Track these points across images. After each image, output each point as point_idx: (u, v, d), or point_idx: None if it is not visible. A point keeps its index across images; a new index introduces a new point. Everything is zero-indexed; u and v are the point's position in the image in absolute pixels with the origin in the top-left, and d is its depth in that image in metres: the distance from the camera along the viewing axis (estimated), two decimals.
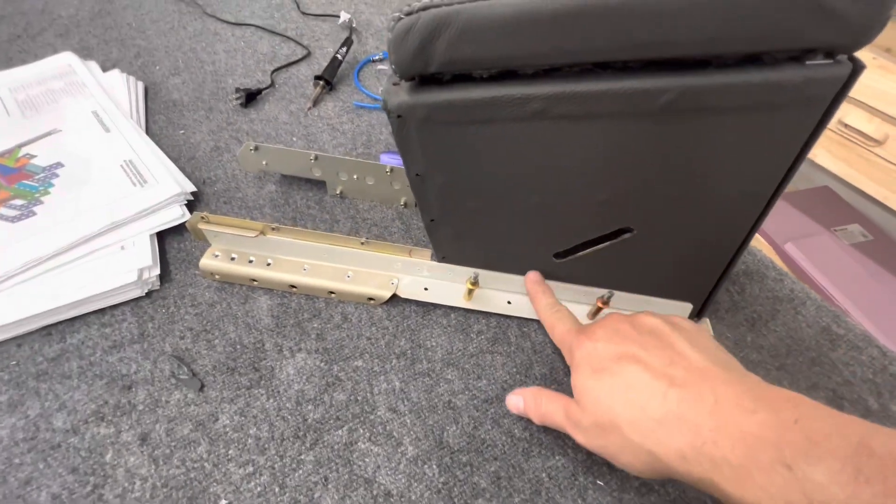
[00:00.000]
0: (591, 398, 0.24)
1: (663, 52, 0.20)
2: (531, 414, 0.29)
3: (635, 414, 0.22)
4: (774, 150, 0.23)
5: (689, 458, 0.20)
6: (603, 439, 0.24)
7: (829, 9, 0.17)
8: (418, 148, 0.26)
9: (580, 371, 0.26)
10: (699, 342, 0.24)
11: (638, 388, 0.23)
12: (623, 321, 0.27)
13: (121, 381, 0.32)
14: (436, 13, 0.20)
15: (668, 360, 0.23)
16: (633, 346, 0.24)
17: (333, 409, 0.31)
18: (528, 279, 0.34)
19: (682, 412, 0.21)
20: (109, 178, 0.42)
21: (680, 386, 0.22)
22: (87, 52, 0.58)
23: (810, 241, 1.03)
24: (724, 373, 0.22)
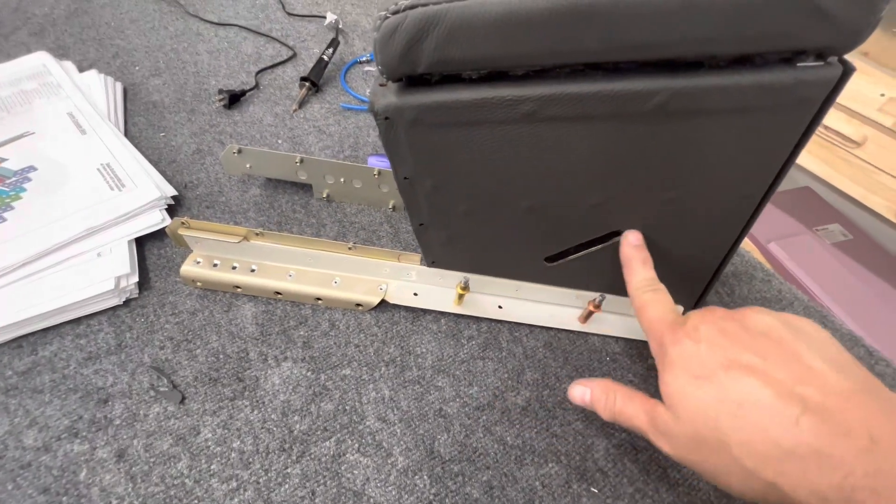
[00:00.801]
0: (691, 407, 0.21)
1: (655, 53, 0.20)
2: (600, 409, 0.26)
3: (753, 436, 0.19)
4: (765, 152, 0.23)
5: (832, 500, 0.17)
6: (700, 455, 0.21)
7: (821, 11, 0.17)
8: (406, 151, 0.26)
9: (676, 374, 0.22)
10: (830, 353, 0.20)
11: (757, 406, 0.19)
12: (729, 318, 0.23)
13: (96, 394, 0.30)
14: (423, 12, 0.20)
15: (797, 376, 0.19)
16: (748, 354, 0.20)
17: (321, 420, 0.30)
18: (627, 241, 0.29)
19: (822, 447, 0.18)
20: (85, 182, 0.40)
21: (816, 413, 0.18)
22: (62, 51, 0.56)
23: (793, 240, 1.05)
24: (873, 400, 0.18)
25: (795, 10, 0.18)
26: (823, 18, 0.18)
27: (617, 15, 0.18)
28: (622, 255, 0.29)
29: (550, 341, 0.35)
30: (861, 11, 0.18)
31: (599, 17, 0.19)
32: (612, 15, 0.18)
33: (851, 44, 0.19)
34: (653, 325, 0.25)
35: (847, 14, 0.18)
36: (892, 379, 0.35)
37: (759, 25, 0.18)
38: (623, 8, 0.18)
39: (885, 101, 0.79)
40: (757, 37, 0.19)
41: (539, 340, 0.35)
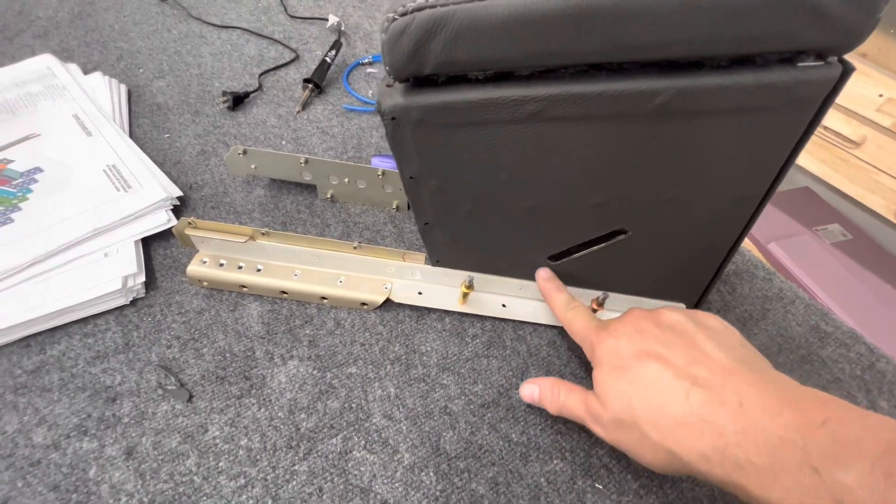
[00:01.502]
0: (612, 395, 0.24)
1: (657, 53, 0.20)
2: (547, 404, 0.29)
3: (655, 413, 0.22)
4: (766, 152, 0.24)
5: (712, 459, 0.20)
6: (622, 435, 0.24)
7: (821, 11, 0.18)
8: (413, 150, 0.26)
9: (602, 367, 0.25)
10: (724, 340, 0.23)
11: (659, 386, 0.22)
12: (645, 317, 0.26)
13: (104, 393, 0.30)
14: (431, 14, 0.20)
15: (691, 358, 0.23)
16: (655, 344, 0.24)
17: (327, 418, 0.30)
18: (540, 277, 0.33)
19: (704, 413, 0.21)
20: (91, 183, 0.40)
21: (703, 386, 0.21)
22: (67, 54, 0.56)
23: (793, 240, 1.06)
24: (750, 373, 0.21)
25: (795, 11, 0.18)
26: (823, 19, 0.18)
27: (620, 16, 0.19)
28: (540, 288, 0.33)
29: (554, 339, 0.36)
30: (860, 12, 0.18)
31: (603, 18, 0.19)
32: (615, 16, 0.19)
33: (851, 44, 0.19)
34: (582, 333, 0.29)
35: (846, 15, 0.18)
36: (893, 375, 0.35)
37: (760, 26, 0.19)
38: (625, 9, 0.19)
39: (884, 102, 0.80)
40: (757, 37, 0.19)
41: (543, 339, 0.36)
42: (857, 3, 0.18)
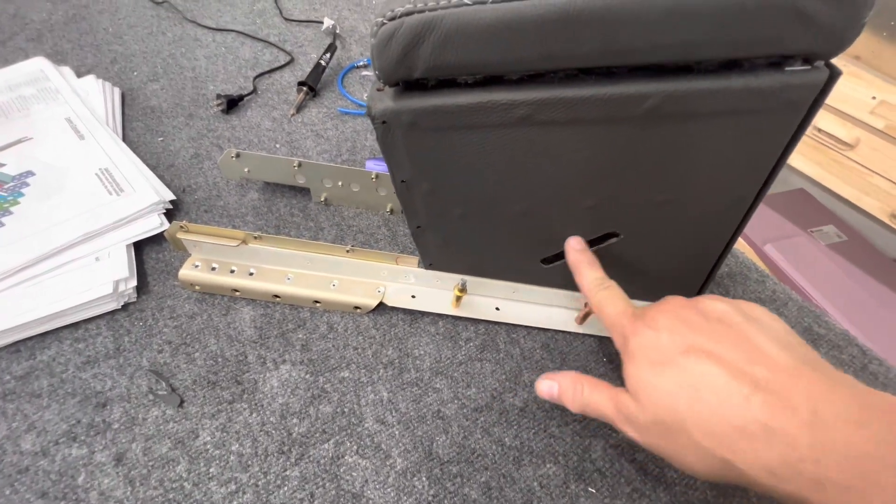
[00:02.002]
0: (651, 394, 0.21)
1: (645, 57, 0.20)
2: (567, 401, 0.26)
3: (708, 417, 0.20)
4: (757, 154, 0.24)
5: (781, 474, 0.18)
6: (662, 439, 0.22)
7: (808, 16, 0.18)
8: (403, 154, 0.26)
9: (637, 362, 0.23)
10: (778, 335, 0.21)
11: (712, 387, 0.20)
12: (686, 306, 0.23)
13: (95, 398, 0.30)
14: (419, 18, 0.20)
15: (747, 356, 0.20)
16: (702, 338, 0.21)
17: (319, 423, 0.30)
18: (570, 247, 0.30)
19: (769, 422, 0.18)
20: (84, 186, 0.40)
21: (765, 390, 0.19)
22: (60, 57, 0.56)
23: (788, 242, 1.06)
24: (816, 374, 0.19)
25: (781, 16, 0.18)
26: (809, 24, 0.18)
27: (607, 21, 0.19)
28: (569, 261, 0.30)
29: (548, 342, 0.36)
30: (846, 18, 0.18)
31: (591, 23, 0.19)
32: (603, 21, 0.19)
33: (837, 49, 0.19)
34: (613, 319, 0.26)
35: (832, 20, 0.18)
36: (885, 378, 0.36)
37: (746, 31, 0.19)
38: (613, 14, 0.19)
39: (877, 104, 0.80)
40: (744, 42, 0.19)
41: (536, 342, 0.36)
42: (843, 9, 0.18)
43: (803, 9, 0.18)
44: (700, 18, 0.18)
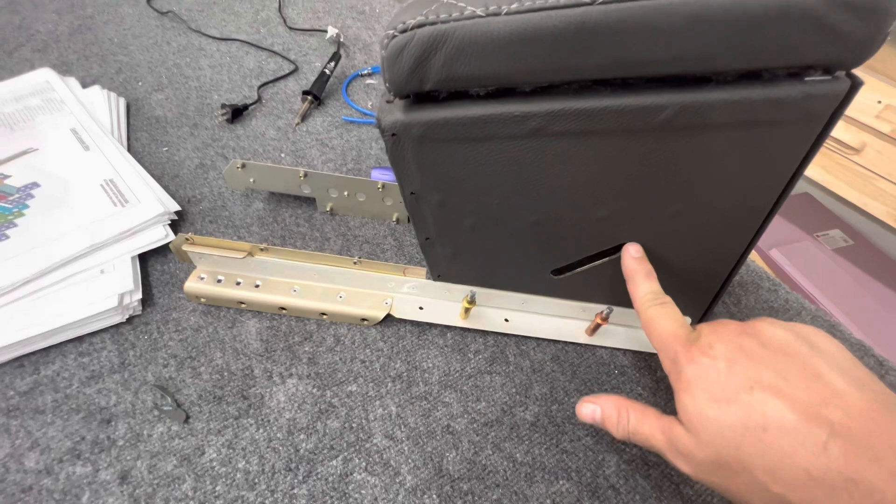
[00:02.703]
0: (712, 430, 0.20)
1: (662, 69, 0.20)
2: (611, 427, 0.25)
3: (778, 462, 0.19)
4: (773, 165, 0.23)
5: None
6: (721, 478, 0.20)
7: (830, 27, 0.17)
8: (413, 166, 0.25)
9: (694, 394, 0.21)
10: (847, 367, 0.20)
11: (782, 429, 0.19)
12: (744, 332, 0.22)
13: (99, 414, 0.30)
14: (431, 31, 0.20)
15: (820, 396, 0.19)
16: (768, 372, 0.20)
17: (327, 438, 0.30)
18: (628, 254, 0.28)
19: (850, 472, 0.17)
20: (89, 198, 0.40)
21: (842, 435, 0.18)
22: (66, 67, 0.56)
23: (794, 247, 1.05)
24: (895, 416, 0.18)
25: (803, 27, 0.18)
26: (831, 35, 0.18)
27: (623, 32, 0.18)
28: (624, 269, 0.29)
29: (558, 354, 0.35)
30: (870, 28, 0.18)
31: (606, 34, 0.19)
32: (619, 32, 0.18)
33: (860, 59, 0.19)
34: (664, 340, 0.24)
35: (855, 30, 0.18)
36: None
37: (766, 42, 0.18)
38: (630, 25, 0.18)
39: (883, 109, 0.80)
40: (764, 53, 0.19)
41: (546, 354, 0.35)
42: (867, 18, 0.17)
43: (826, 20, 0.17)
44: (720, 29, 0.18)
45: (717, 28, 0.18)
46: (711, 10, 0.18)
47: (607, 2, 0.18)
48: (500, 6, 0.19)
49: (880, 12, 0.17)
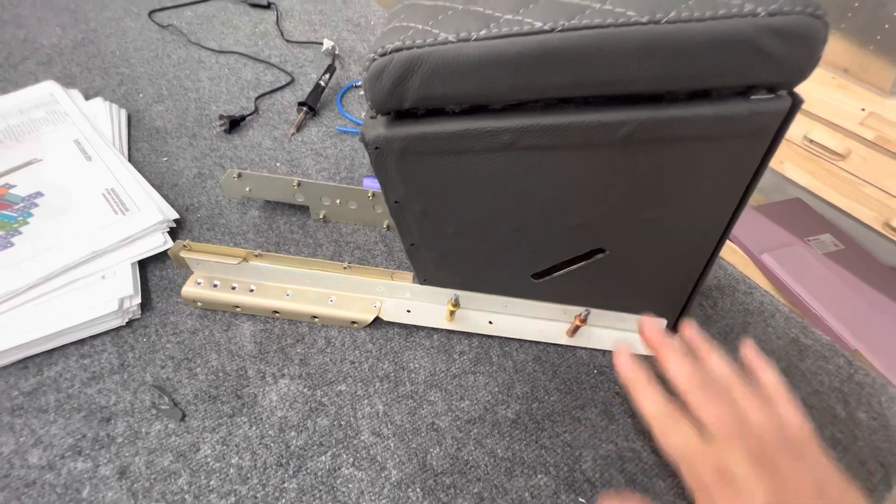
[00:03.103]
0: None
1: (619, 89, 0.22)
2: None
3: None
4: (730, 176, 0.25)
5: None
6: None
7: (766, 52, 0.19)
8: (396, 177, 0.27)
9: None
10: None
11: None
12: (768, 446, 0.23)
13: (99, 413, 0.31)
14: (408, 55, 0.21)
15: None
16: None
17: (317, 435, 0.31)
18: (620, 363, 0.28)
19: None
20: (91, 206, 0.42)
21: None
22: (69, 80, 0.58)
23: (785, 251, 1.07)
24: None
25: (742, 52, 0.19)
26: (768, 59, 0.20)
27: (581, 56, 0.20)
28: (621, 377, 0.28)
29: (539, 355, 0.36)
30: (801, 53, 0.19)
31: (566, 59, 0.20)
32: (577, 56, 0.20)
33: (797, 80, 0.21)
34: (682, 454, 0.24)
35: (788, 55, 0.19)
36: (871, 387, 0.36)
37: (709, 65, 0.20)
38: (586, 50, 0.20)
39: (866, 116, 0.82)
40: (709, 75, 0.20)
41: (529, 354, 0.37)
42: (797, 44, 0.19)
43: (760, 45, 0.19)
44: (666, 54, 0.20)
45: (664, 53, 0.20)
46: (658, 38, 0.19)
47: (565, 30, 0.20)
48: (470, 33, 0.21)
49: (810, 39, 0.19)
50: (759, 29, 0.19)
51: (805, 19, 0.18)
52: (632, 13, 0.19)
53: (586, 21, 0.20)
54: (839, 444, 0.33)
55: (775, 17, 0.18)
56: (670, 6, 0.19)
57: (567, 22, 0.20)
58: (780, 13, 0.18)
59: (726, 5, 0.19)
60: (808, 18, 0.18)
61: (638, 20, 0.19)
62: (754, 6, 0.19)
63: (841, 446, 0.33)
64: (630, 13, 0.20)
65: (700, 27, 0.19)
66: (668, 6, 0.19)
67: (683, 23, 0.19)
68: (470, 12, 0.22)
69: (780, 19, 0.18)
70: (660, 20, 0.19)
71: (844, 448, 0.33)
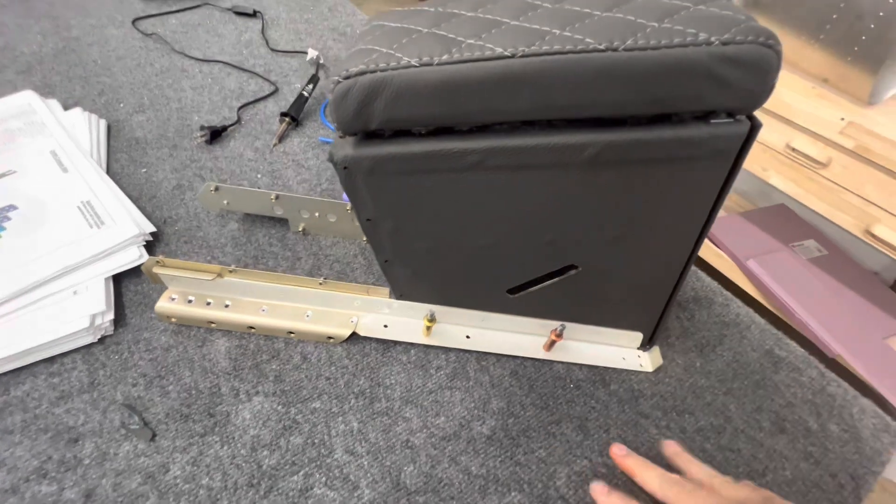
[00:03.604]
0: None
1: (580, 113, 0.22)
2: None
3: None
4: (695, 196, 0.25)
5: None
6: None
7: (720, 79, 0.20)
8: (366, 196, 0.27)
9: None
10: None
11: None
12: None
13: (67, 434, 0.31)
14: (372, 78, 0.21)
15: None
16: None
17: (289, 454, 0.31)
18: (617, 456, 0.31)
19: None
20: (65, 220, 0.41)
21: None
22: (49, 89, 0.57)
23: (771, 257, 1.08)
24: None
25: (697, 79, 0.20)
26: (723, 86, 0.20)
27: (541, 81, 0.20)
28: (622, 468, 0.31)
29: (516, 370, 0.37)
30: (755, 80, 0.20)
31: (527, 84, 0.21)
32: (539, 82, 0.20)
33: (753, 106, 0.21)
34: None
35: (742, 82, 0.20)
36: (843, 399, 0.37)
37: (666, 90, 0.20)
38: (546, 75, 0.20)
39: (846, 125, 0.83)
40: (667, 100, 0.21)
41: (506, 369, 0.37)
42: (750, 73, 0.19)
43: (716, 73, 0.19)
44: (624, 80, 0.20)
45: (622, 79, 0.20)
46: (616, 65, 0.20)
47: (526, 55, 0.20)
48: (433, 57, 0.21)
49: (763, 67, 0.19)
50: (713, 57, 0.19)
51: (757, 48, 0.19)
52: (590, 40, 0.20)
53: (546, 47, 0.20)
54: (811, 458, 0.34)
55: (728, 45, 0.19)
56: (628, 34, 0.20)
57: (527, 48, 0.20)
58: (733, 42, 0.19)
59: (682, 34, 0.19)
60: (760, 48, 0.19)
61: (596, 47, 0.20)
62: (708, 35, 0.19)
63: (812, 459, 0.33)
64: (589, 40, 0.20)
65: (656, 55, 0.19)
66: (625, 34, 0.20)
67: (640, 50, 0.19)
68: (434, 36, 0.22)
69: (734, 48, 0.19)
70: (617, 47, 0.19)
71: (816, 461, 0.33)
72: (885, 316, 1.00)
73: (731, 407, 0.36)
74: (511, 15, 0.22)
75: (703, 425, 0.35)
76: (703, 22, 0.20)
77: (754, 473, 0.32)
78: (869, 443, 0.34)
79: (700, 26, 0.19)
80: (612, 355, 0.37)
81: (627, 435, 0.34)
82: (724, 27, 0.19)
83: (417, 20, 0.24)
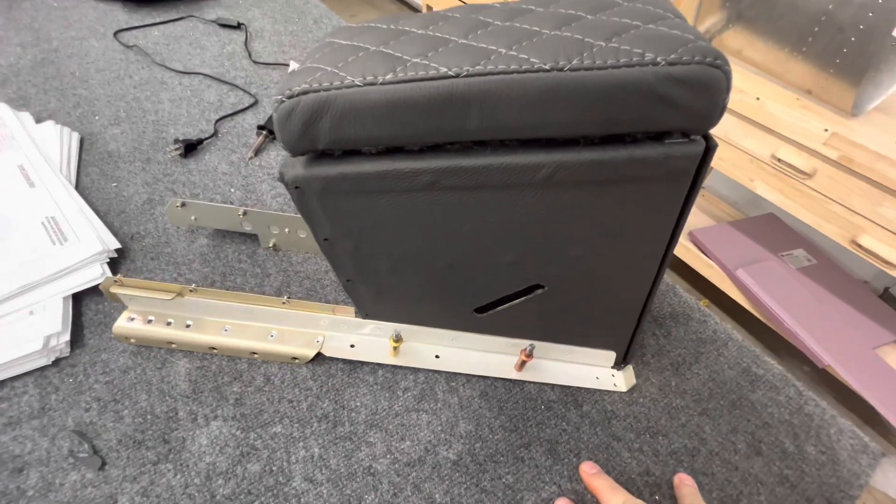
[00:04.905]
0: None
1: (530, 133, 0.21)
2: None
3: None
4: (655, 216, 0.25)
5: None
6: None
7: (667, 99, 0.19)
8: (321, 216, 0.26)
9: None
10: None
11: None
12: None
13: (11, 463, 0.29)
14: (315, 98, 0.21)
15: None
16: None
17: (245, 483, 0.30)
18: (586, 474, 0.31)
19: None
20: (28, 236, 0.40)
21: None
22: (23, 101, 0.57)
23: (760, 266, 1.08)
24: None
25: (645, 100, 0.19)
26: (672, 106, 0.19)
27: (487, 101, 0.20)
28: (588, 487, 0.30)
29: (486, 390, 0.36)
30: (704, 100, 0.19)
31: (473, 104, 0.20)
32: (484, 102, 0.20)
33: (706, 126, 0.20)
34: None
35: (691, 102, 0.19)
36: (821, 419, 0.36)
37: (616, 111, 0.20)
38: (491, 95, 0.20)
39: (829, 136, 0.83)
40: (616, 120, 0.20)
41: (476, 390, 0.36)
42: (700, 93, 0.19)
43: (663, 93, 0.19)
44: (571, 100, 0.19)
45: (568, 100, 0.19)
46: (562, 85, 0.19)
47: (470, 75, 0.19)
48: (377, 77, 0.20)
49: (711, 87, 0.19)
50: (659, 78, 0.18)
51: (704, 69, 0.18)
52: (535, 60, 0.19)
53: (490, 67, 0.19)
54: (787, 481, 0.33)
55: (675, 66, 0.18)
56: (574, 53, 0.19)
57: (472, 67, 0.20)
58: (680, 63, 0.18)
59: (629, 54, 0.19)
60: (707, 68, 0.18)
61: (541, 67, 0.19)
62: (655, 55, 0.18)
63: (789, 483, 0.33)
64: (534, 60, 0.19)
65: (602, 75, 0.19)
66: (571, 53, 0.19)
67: (586, 70, 0.19)
68: (381, 54, 0.22)
69: (680, 69, 0.18)
70: (563, 67, 0.19)
71: (792, 485, 0.32)
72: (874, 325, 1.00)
73: (706, 428, 0.35)
74: (460, 33, 0.22)
75: (677, 447, 0.34)
76: (651, 41, 0.19)
77: (728, 499, 0.31)
78: (847, 465, 0.34)
79: (648, 46, 0.19)
80: (585, 375, 0.36)
81: (599, 459, 0.32)
82: (672, 47, 0.19)
83: (368, 37, 0.23)
